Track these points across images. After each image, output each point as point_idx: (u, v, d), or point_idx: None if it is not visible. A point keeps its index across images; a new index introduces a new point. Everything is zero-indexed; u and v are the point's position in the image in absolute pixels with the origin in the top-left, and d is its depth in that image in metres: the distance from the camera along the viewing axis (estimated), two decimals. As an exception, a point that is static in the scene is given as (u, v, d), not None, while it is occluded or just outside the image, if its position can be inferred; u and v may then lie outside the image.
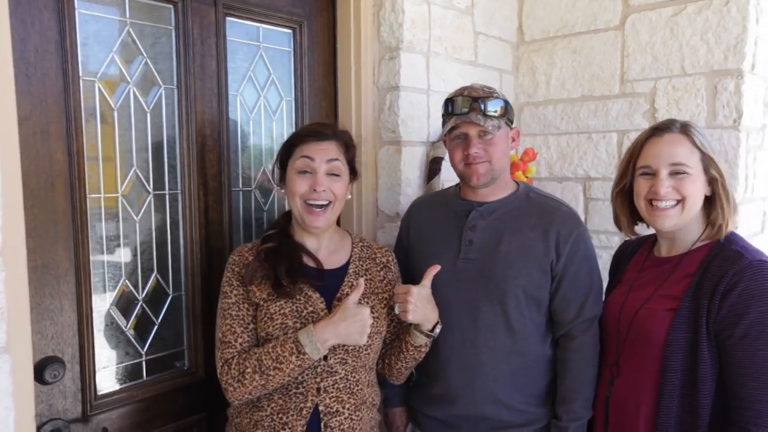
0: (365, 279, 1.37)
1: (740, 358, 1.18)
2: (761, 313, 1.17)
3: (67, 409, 1.31)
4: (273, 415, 1.26)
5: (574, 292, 1.45)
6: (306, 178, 1.30)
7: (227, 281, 1.33)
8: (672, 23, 1.97)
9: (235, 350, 1.27)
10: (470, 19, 2.11)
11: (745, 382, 1.18)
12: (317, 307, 1.30)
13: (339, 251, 1.40)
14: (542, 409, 1.49)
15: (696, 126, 1.32)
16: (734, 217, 1.30)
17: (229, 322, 1.29)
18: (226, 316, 1.29)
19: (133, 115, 1.43)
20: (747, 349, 1.18)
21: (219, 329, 1.30)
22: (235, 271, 1.33)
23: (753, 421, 1.16)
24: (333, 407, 1.29)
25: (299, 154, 1.32)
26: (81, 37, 1.32)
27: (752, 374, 1.17)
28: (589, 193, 2.22)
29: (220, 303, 1.32)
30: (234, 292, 1.31)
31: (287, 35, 1.79)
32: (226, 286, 1.32)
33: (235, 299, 1.30)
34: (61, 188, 1.29)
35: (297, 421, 1.26)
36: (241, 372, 1.23)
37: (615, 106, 2.13)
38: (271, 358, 1.22)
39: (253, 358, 1.24)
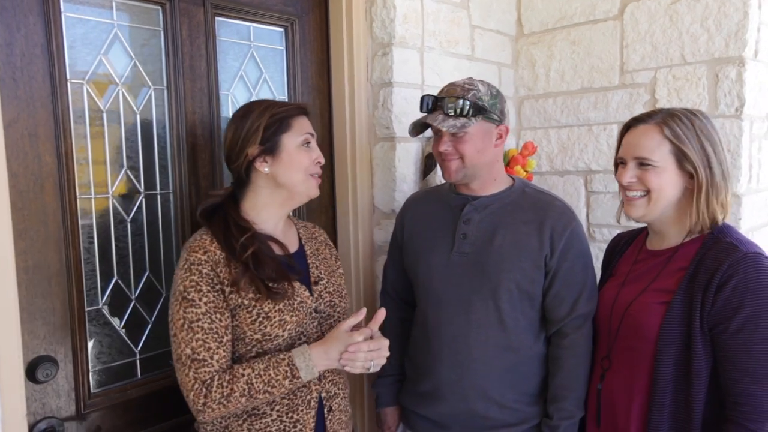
0: (321, 258, 1.42)
1: (736, 352, 1.16)
2: (757, 307, 1.14)
3: (60, 408, 1.33)
4: (282, 417, 1.25)
5: (567, 288, 1.43)
6: (308, 151, 1.32)
7: (193, 286, 1.17)
8: (671, 11, 1.93)
9: (212, 369, 1.16)
10: (466, 13, 2.09)
11: (741, 377, 1.15)
12: (303, 296, 1.29)
13: (289, 232, 1.40)
14: (534, 407, 1.47)
15: (687, 117, 1.27)
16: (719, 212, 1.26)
17: (201, 336, 1.16)
18: (196, 329, 1.16)
19: (122, 117, 1.45)
20: (743, 344, 1.15)
21: (186, 344, 1.16)
22: (203, 273, 1.19)
23: (749, 416, 1.13)
24: (332, 391, 1.34)
25: (300, 128, 1.31)
26: (68, 40, 1.33)
27: (748, 369, 1.14)
28: (591, 186, 2.19)
29: (183, 312, 1.17)
30: (203, 300, 1.17)
31: (279, 33, 1.79)
32: (193, 292, 1.17)
33: (206, 308, 1.17)
34: (51, 190, 1.30)
35: (307, 414, 1.27)
36: (225, 395, 1.15)
37: (615, 98, 2.09)
38: (263, 381, 1.16)
39: (241, 381, 1.16)
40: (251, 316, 1.21)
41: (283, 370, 1.16)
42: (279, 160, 1.28)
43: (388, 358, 1.66)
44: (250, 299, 1.22)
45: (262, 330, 1.22)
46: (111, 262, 1.43)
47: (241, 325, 1.22)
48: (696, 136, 1.25)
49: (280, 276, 1.25)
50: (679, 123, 1.26)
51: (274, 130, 1.28)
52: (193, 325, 1.16)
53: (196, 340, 1.16)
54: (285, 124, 1.29)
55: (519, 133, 2.38)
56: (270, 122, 1.27)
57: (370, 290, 1.92)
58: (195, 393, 1.15)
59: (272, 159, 1.29)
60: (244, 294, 1.21)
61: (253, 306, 1.22)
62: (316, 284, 1.35)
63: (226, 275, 1.21)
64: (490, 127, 1.45)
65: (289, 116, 1.30)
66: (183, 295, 1.18)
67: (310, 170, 1.32)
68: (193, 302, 1.17)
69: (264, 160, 1.28)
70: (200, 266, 1.20)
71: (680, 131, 1.25)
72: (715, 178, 1.24)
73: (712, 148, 1.25)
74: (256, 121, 1.27)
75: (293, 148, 1.29)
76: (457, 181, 1.49)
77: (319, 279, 1.37)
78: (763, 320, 1.14)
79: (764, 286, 1.14)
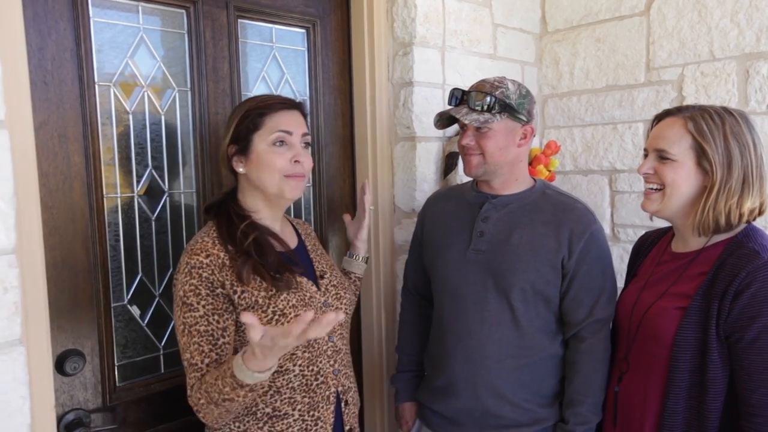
0: (320, 252, 1.44)
1: (751, 362, 1.12)
2: None
3: (88, 400, 1.37)
4: (303, 416, 1.25)
5: (586, 292, 1.42)
6: (283, 152, 1.24)
7: (192, 290, 1.15)
8: (700, 5, 1.88)
9: (200, 373, 1.14)
10: (488, 11, 2.08)
11: (756, 388, 1.11)
12: (311, 291, 1.29)
13: (286, 229, 1.39)
14: (549, 409, 1.46)
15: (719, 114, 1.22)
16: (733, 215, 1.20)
17: (197, 340, 1.15)
18: (193, 332, 1.15)
19: (148, 118, 1.49)
20: (758, 354, 1.11)
21: (186, 349, 1.16)
22: (203, 276, 1.16)
23: (763, 428, 1.10)
24: (346, 384, 1.34)
25: (272, 125, 1.23)
26: (96, 44, 1.37)
27: (763, 380, 1.11)
28: (615, 185, 2.15)
29: (182, 317, 1.16)
30: (202, 303, 1.15)
31: (301, 35, 1.81)
32: (192, 297, 1.15)
33: (203, 311, 1.15)
34: (79, 188, 1.35)
35: (327, 410, 1.28)
36: (200, 403, 1.13)
37: (641, 95, 2.05)
38: (217, 391, 1.09)
39: (203, 389, 1.12)
40: (267, 315, 1.19)
41: (229, 381, 1.06)
42: (250, 161, 1.24)
43: (406, 353, 1.69)
44: (263, 297, 1.19)
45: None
46: (136, 259, 1.48)
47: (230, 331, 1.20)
48: (723, 134, 1.20)
49: (282, 267, 1.23)
50: (707, 119, 1.22)
51: (245, 128, 1.23)
52: (191, 329, 1.15)
53: (193, 344, 1.15)
54: (257, 122, 1.23)
55: (542, 131, 2.36)
56: (242, 119, 1.22)
57: (391, 289, 1.92)
58: (189, 397, 1.16)
59: (245, 159, 1.24)
60: (256, 293, 1.19)
61: (267, 304, 1.19)
62: (321, 278, 1.35)
63: (231, 277, 1.18)
64: (515, 126, 1.44)
65: (264, 113, 1.23)
66: (183, 300, 1.16)
67: (286, 171, 1.24)
68: (191, 306, 1.15)
69: (239, 159, 1.25)
70: (201, 269, 1.17)
71: (705, 127, 1.21)
72: (732, 180, 1.19)
73: (738, 150, 1.20)
74: (232, 118, 1.25)
75: (263, 148, 1.23)
76: (477, 177, 1.48)
77: (324, 273, 1.37)
78: None
79: None
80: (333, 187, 1.90)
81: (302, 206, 1.83)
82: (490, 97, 1.39)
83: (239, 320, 1.04)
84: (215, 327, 1.16)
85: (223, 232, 1.22)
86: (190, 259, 1.18)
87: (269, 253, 1.22)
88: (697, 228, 1.25)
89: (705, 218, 1.22)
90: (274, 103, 1.26)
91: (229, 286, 1.18)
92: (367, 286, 1.93)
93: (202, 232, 1.26)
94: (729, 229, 1.23)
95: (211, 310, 1.16)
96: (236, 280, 1.18)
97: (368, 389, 1.96)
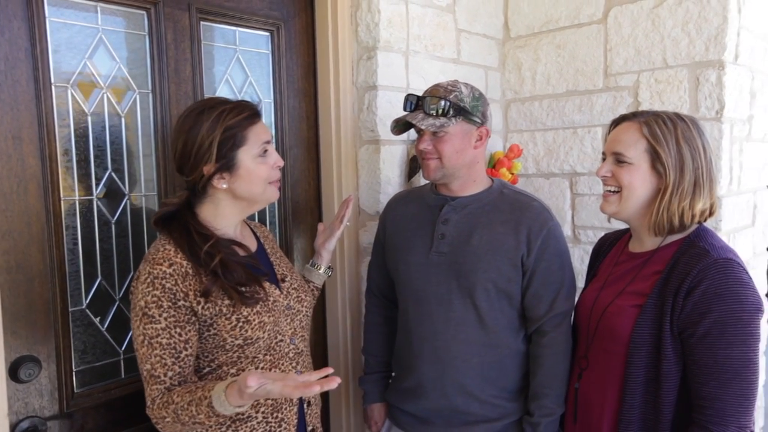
0: (279, 257, 1.43)
1: (702, 356, 1.17)
2: (724, 312, 1.15)
3: (43, 407, 1.35)
4: (267, 418, 1.26)
5: (545, 287, 1.45)
6: (266, 161, 1.25)
7: (155, 302, 1.13)
8: (653, 15, 1.95)
9: (163, 386, 1.13)
10: (452, 17, 2.11)
11: (707, 381, 1.16)
12: (275, 295, 1.30)
13: (245, 232, 1.38)
14: (515, 403, 1.50)
15: (672, 119, 1.27)
16: (686, 216, 1.26)
17: (159, 352, 1.13)
18: (154, 345, 1.13)
19: (107, 119, 1.47)
20: (709, 348, 1.16)
21: (146, 360, 1.14)
22: (166, 287, 1.13)
23: (713, 420, 1.15)
24: None
25: (255, 139, 1.23)
26: (53, 44, 1.35)
27: (713, 373, 1.15)
28: (576, 188, 2.21)
29: (143, 329, 1.14)
30: (164, 315, 1.13)
31: (265, 38, 1.81)
32: (153, 308, 1.13)
33: (165, 324, 1.14)
34: (35, 191, 1.32)
35: (290, 411, 1.30)
36: (162, 417, 1.13)
37: (599, 101, 2.11)
38: (188, 415, 1.10)
39: (170, 409, 1.11)
40: (230, 322, 1.19)
41: (205, 410, 1.08)
42: (237, 176, 1.22)
43: (373, 354, 1.70)
44: (227, 306, 1.19)
45: (244, 335, 1.20)
46: (95, 263, 1.45)
47: (220, 333, 1.19)
48: (675, 138, 1.26)
49: (250, 279, 1.22)
50: (660, 124, 1.27)
51: (229, 146, 1.20)
52: (152, 341, 1.13)
53: (154, 356, 1.13)
54: (240, 139, 1.20)
55: (506, 135, 2.40)
56: (224, 138, 1.19)
57: (356, 291, 1.94)
58: (149, 409, 1.15)
59: (230, 175, 1.22)
60: (220, 302, 1.18)
61: (231, 312, 1.19)
62: (283, 281, 1.36)
63: (195, 287, 1.17)
64: (470, 129, 1.47)
65: (243, 128, 1.21)
66: (144, 311, 1.14)
67: (270, 178, 1.27)
68: (153, 318, 1.13)
69: (221, 176, 1.22)
70: (164, 280, 1.14)
71: (658, 131, 1.26)
72: (684, 183, 1.24)
73: (690, 154, 1.25)
74: (207, 137, 1.18)
75: (251, 162, 1.22)
76: (435, 180, 1.51)
77: (285, 276, 1.38)
78: (729, 326, 1.15)
79: (732, 292, 1.15)
80: (298, 189, 1.90)
81: (267, 209, 1.83)
82: (444, 101, 1.42)
83: (247, 381, 0.98)
84: (177, 340, 1.15)
85: (184, 249, 1.18)
86: (153, 268, 1.15)
87: (235, 270, 1.20)
88: (652, 228, 1.30)
89: (660, 219, 1.27)
90: (247, 114, 1.23)
91: (193, 296, 1.16)
92: (332, 288, 1.94)
93: (161, 240, 1.22)
94: (682, 229, 1.28)
95: (174, 323, 1.15)
96: (200, 291, 1.17)
97: (334, 391, 1.96)
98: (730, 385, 1.14)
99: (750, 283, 1.18)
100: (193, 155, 1.19)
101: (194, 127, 1.20)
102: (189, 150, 1.20)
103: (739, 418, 1.14)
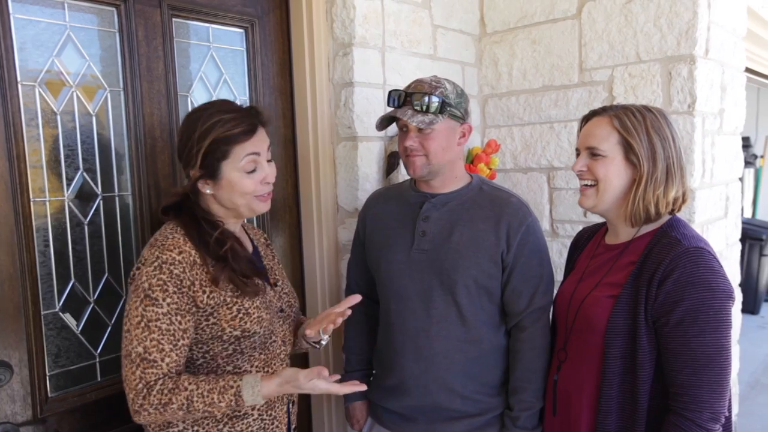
0: (270, 261, 1.44)
1: (676, 344, 1.19)
2: (696, 300, 1.17)
3: (16, 413, 1.32)
4: (263, 415, 1.28)
5: (524, 283, 1.47)
6: (254, 176, 1.24)
7: (160, 285, 1.14)
8: (626, 10, 1.98)
9: (160, 372, 1.13)
10: (428, 13, 2.11)
11: (681, 369, 1.18)
12: (270, 294, 1.32)
13: (242, 234, 1.39)
14: (496, 398, 1.51)
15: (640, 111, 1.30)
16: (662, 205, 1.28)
17: (157, 336, 1.13)
18: (153, 328, 1.13)
19: (77, 118, 1.44)
20: (682, 336, 1.18)
21: (139, 342, 1.12)
22: (174, 273, 1.15)
23: (688, 406, 1.17)
24: None
25: (242, 153, 1.22)
26: (18, 42, 1.32)
27: (687, 360, 1.18)
28: (553, 182, 2.23)
29: (142, 310, 1.14)
30: (167, 300, 1.14)
31: (239, 34, 1.79)
32: (158, 291, 1.14)
33: (168, 309, 1.14)
34: (2, 193, 1.29)
35: (281, 409, 1.33)
36: (163, 403, 1.12)
37: (575, 95, 2.14)
38: (204, 402, 1.12)
39: (182, 395, 1.12)
40: (231, 312, 1.21)
41: (228, 398, 1.13)
42: (220, 185, 1.23)
43: (354, 353, 1.70)
44: (231, 296, 1.21)
45: (243, 326, 1.22)
46: (68, 265, 1.43)
47: (219, 323, 1.20)
48: (645, 129, 1.28)
49: (252, 272, 1.26)
50: (630, 116, 1.30)
51: (214, 158, 1.20)
52: (150, 324, 1.13)
53: (150, 340, 1.13)
54: (224, 152, 1.20)
55: (483, 131, 2.41)
56: (209, 150, 1.20)
57: (335, 289, 1.93)
58: (136, 393, 1.12)
59: (213, 183, 1.23)
60: (224, 292, 1.20)
61: (233, 302, 1.21)
62: (275, 285, 1.38)
63: (201, 277, 1.18)
64: (454, 126, 1.47)
65: (231, 143, 1.20)
66: (146, 293, 1.14)
67: (256, 192, 1.26)
68: (155, 301, 1.14)
69: (206, 182, 1.23)
70: (172, 266, 1.16)
71: (629, 123, 1.29)
72: (657, 172, 1.27)
73: (660, 143, 1.28)
74: (196, 145, 1.20)
75: (235, 175, 1.22)
76: (420, 177, 1.50)
77: (277, 281, 1.40)
78: (701, 313, 1.17)
79: (703, 280, 1.18)
80: (276, 187, 1.85)
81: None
82: (433, 97, 1.41)
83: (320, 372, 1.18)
84: (177, 327, 1.15)
85: (194, 236, 1.21)
86: (162, 254, 1.16)
87: (241, 260, 1.24)
88: (629, 218, 1.32)
89: (636, 208, 1.29)
90: (241, 132, 1.21)
91: (198, 285, 1.18)
92: (312, 286, 1.93)
93: (169, 227, 1.23)
94: (657, 218, 1.31)
95: (175, 310, 1.15)
96: (206, 280, 1.19)
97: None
98: (703, 372, 1.16)
99: (721, 270, 1.21)
100: (185, 155, 1.24)
101: (189, 128, 1.23)
102: (182, 149, 1.25)
103: (713, 404, 1.17)
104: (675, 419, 1.18)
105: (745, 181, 6.47)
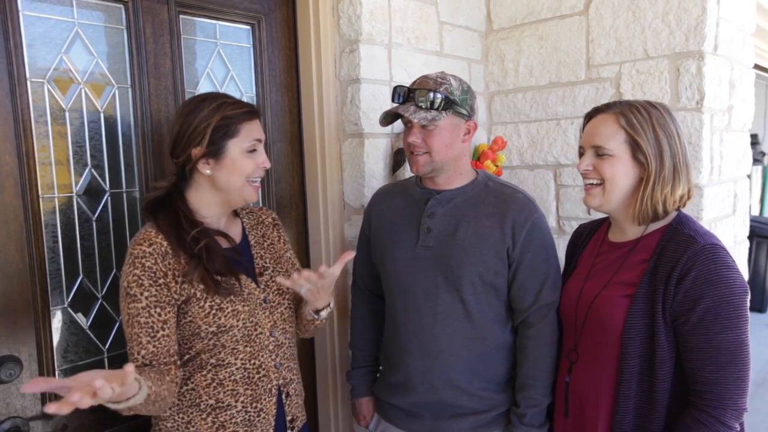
0: (267, 244, 1.42)
1: (698, 342, 1.18)
2: (716, 297, 1.16)
3: (25, 407, 1.33)
4: (247, 407, 1.28)
5: (531, 279, 1.46)
6: (253, 157, 1.28)
7: (135, 281, 1.17)
8: (634, 6, 1.97)
9: (136, 364, 1.16)
10: (434, 9, 2.11)
11: (704, 366, 1.18)
12: (250, 288, 1.31)
13: (232, 225, 1.39)
14: (502, 395, 1.50)
15: (645, 108, 1.28)
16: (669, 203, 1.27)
17: (137, 330, 1.16)
18: (134, 324, 1.16)
19: (86, 115, 1.45)
20: (704, 334, 1.17)
21: (129, 339, 1.18)
22: (146, 266, 1.17)
23: (712, 403, 1.16)
24: (288, 377, 1.38)
25: (248, 134, 1.26)
26: (27, 39, 1.33)
27: (710, 358, 1.17)
28: (560, 179, 2.22)
29: (126, 308, 1.17)
30: (145, 294, 1.17)
31: (246, 31, 1.79)
32: (135, 287, 1.16)
33: (146, 303, 1.17)
34: (12, 189, 1.30)
35: (269, 401, 1.32)
36: None
37: (582, 92, 2.13)
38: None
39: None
40: (204, 309, 1.22)
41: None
42: (222, 164, 1.26)
43: (360, 349, 1.70)
44: (201, 290, 1.22)
45: (217, 322, 1.23)
46: (76, 260, 1.43)
47: (195, 320, 1.22)
48: (651, 127, 1.26)
49: (228, 271, 1.26)
50: (636, 113, 1.28)
51: (221, 135, 1.24)
52: (133, 320, 1.17)
53: (133, 335, 1.17)
54: (233, 130, 1.24)
55: (490, 128, 2.41)
56: (218, 125, 1.23)
57: (342, 285, 1.93)
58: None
59: (215, 162, 1.25)
60: (196, 284, 1.22)
61: (204, 298, 1.22)
62: (261, 275, 1.36)
63: (174, 266, 1.20)
64: (459, 122, 1.47)
65: (239, 121, 1.25)
66: (126, 291, 1.18)
67: (252, 176, 1.29)
68: (135, 297, 1.17)
69: (207, 162, 1.25)
70: (144, 259, 1.18)
71: (635, 121, 1.27)
72: (665, 170, 1.25)
73: (666, 141, 1.27)
74: (204, 122, 1.23)
75: (238, 154, 1.26)
76: (424, 174, 1.50)
77: (264, 269, 1.38)
78: (722, 310, 1.16)
79: (722, 277, 1.17)
80: (282, 184, 1.89)
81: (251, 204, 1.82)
82: (435, 93, 1.41)
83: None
84: (155, 319, 1.18)
85: (171, 237, 1.22)
86: (133, 249, 1.19)
87: (216, 258, 1.24)
88: (637, 218, 1.30)
89: (644, 208, 1.28)
90: (247, 111, 1.28)
91: (171, 276, 1.20)
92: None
93: (147, 224, 1.26)
94: (664, 216, 1.30)
95: (154, 302, 1.18)
96: (179, 270, 1.20)
97: (321, 384, 1.97)
98: (726, 369, 1.16)
99: (735, 267, 1.20)
100: (187, 137, 1.24)
101: (194, 111, 1.25)
102: (184, 132, 1.25)
103: (737, 401, 1.16)
104: (699, 415, 1.17)
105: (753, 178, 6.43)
